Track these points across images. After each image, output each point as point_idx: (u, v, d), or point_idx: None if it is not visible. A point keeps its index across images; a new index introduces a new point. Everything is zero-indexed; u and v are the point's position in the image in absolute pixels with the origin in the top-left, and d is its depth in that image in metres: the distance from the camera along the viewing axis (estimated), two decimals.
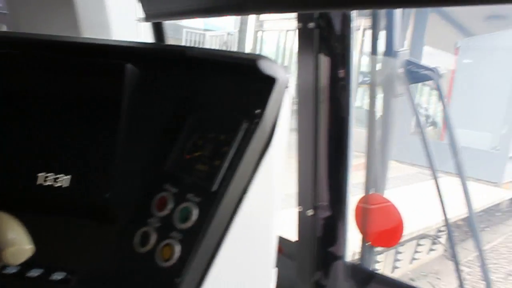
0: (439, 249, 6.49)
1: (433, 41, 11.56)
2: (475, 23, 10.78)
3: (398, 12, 1.29)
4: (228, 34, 11.99)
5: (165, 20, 1.20)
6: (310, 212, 1.13)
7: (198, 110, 0.61)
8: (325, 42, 0.99)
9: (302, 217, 1.15)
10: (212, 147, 0.57)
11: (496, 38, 9.78)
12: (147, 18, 1.10)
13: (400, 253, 6.63)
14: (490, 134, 10.34)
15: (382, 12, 1.29)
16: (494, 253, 7.89)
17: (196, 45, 12.63)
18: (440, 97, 1.35)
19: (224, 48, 11.39)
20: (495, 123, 10.07)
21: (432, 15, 10.17)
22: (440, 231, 6.05)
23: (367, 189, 1.24)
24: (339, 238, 1.15)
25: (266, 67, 0.57)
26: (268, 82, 0.57)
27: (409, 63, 1.20)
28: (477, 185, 9.51)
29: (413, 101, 1.28)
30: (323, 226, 1.14)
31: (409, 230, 6.14)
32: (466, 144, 10.23)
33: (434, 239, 6.35)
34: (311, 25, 0.98)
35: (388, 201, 1.22)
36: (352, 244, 1.19)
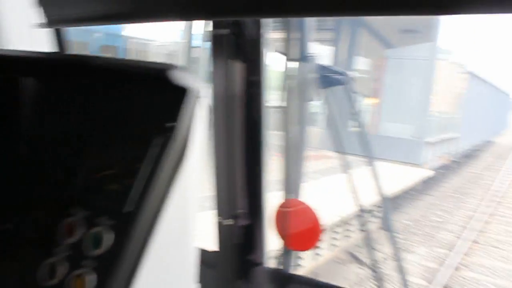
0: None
1: (363, 52, 13.32)
2: (393, 36, 12.64)
3: (309, 19, 1.34)
4: (173, 43, 11.57)
5: (69, 26, 1.13)
6: (228, 222, 1.12)
7: (106, 125, 0.57)
8: (239, 48, 0.99)
9: (221, 227, 1.14)
10: (123, 164, 0.53)
11: (413, 50, 12.57)
12: (48, 24, 1.02)
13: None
14: (409, 126, 12.24)
15: (294, 19, 1.33)
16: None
17: (138, 56, 12.24)
18: (349, 99, 1.48)
19: (168, 59, 11.13)
20: (413, 116, 12.17)
21: (360, 28, 12.62)
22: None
23: (285, 193, 1.26)
24: (258, 245, 1.15)
25: (176, 77, 0.54)
26: (179, 93, 0.53)
27: (321, 68, 1.25)
28: (404, 167, 10.91)
29: (330, 104, 1.38)
30: (242, 234, 1.14)
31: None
32: (393, 135, 12.02)
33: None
34: (225, 31, 0.97)
35: (305, 204, 1.24)
36: (273, 249, 1.21)
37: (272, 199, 1.17)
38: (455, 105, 15.40)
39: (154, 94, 0.55)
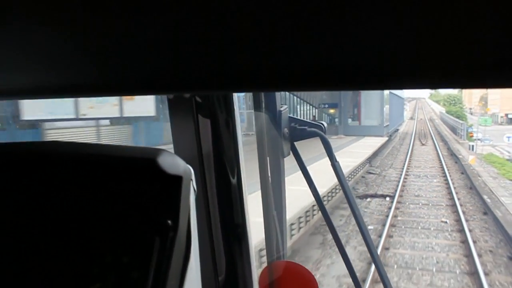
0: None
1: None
2: None
3: None
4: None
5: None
6: None
7: (90, 225, 0.48)
8: (205, 108, 0.89)
9: None
10: (115, 274, 0.45)
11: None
12: None
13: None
14: (375, 120, 29.65)
15: None
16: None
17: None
18: (327, 149, 1.28)
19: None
20: (376, 116, 29.41)
21: None
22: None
23: (269, 258, 1.12)
24: None
25: (167, 164, 0.48)
26: (174, 182, 0.48)
27: (293, 120, 1.14)
28: (376, 138, 27.29)
29: (300, 159, 1.18)
30: None
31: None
32: (369, 124, 30.51)
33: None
34: (187, 94, 0.88)
35: (297, 266, 1.10)
36: None
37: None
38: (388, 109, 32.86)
39: (145, 186, 0.49)
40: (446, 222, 10.26)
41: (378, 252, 7.02)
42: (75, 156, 0.52)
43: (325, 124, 1.18)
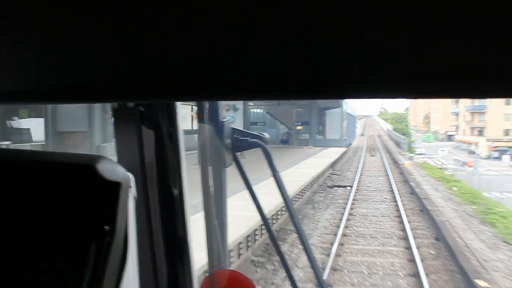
0: None
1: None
2: (327, 104, 35.91)
3: None
4: None
5: None
6: None
7: (26, 231, 0.49)
8: (148, 118, 0.90)
9: None
10: (52, 280, 0.46)
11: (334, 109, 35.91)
12: None
13: None
14: (337, 135, 36.43)
15: None
16: None
17: None
18: (268, 159, 1.17)
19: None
20: (338, 131, 36.12)
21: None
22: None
23: (210, 267, 1.11)
24: None
25: (106, 170, 0.49)
26: (112, 189, 0.48)
27: (235, 131, 1.14)
28: (337, 148, 33.64)
29: (242, 169, 1.15)
30: None
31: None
32: (333, 137, 37.39)
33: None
34: (131, 104, 0.89)
35: (239, 275, 1.09)
36: None
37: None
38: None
39: (84, 192, 0.49)
40: (386, 198, 16.13)
41: (346, 214, 12.74)
42: (15, 162, 0.52)
43: (267, 135, 1.17)
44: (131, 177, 0.53)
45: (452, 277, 8.47)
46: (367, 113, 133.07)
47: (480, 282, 7.63)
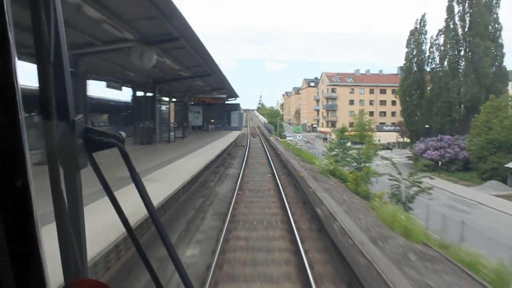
0: None
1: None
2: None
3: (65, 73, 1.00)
4: None
5: None
6: None
7: None
8: None
9: None
10: None
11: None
12: None
13: None
14: (237, 123, 58.43)
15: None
16: None
17: None
18: (125, 160, 0.95)
19: None
20: (237, 122, 58.45)
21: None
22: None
23: (66, 278, 1.01)
24: None
25: None
26: None
27: (88, 130, 1.05)
28: (238, 131, 54.12)
29: (99, 170, 1.06)
30: None
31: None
32: (235, 125, 59.40)
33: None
34: None
35: (99, 284, 1.01)
36: None
37: None
38: None
39: None
40: (261, 148, 36.51)
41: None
42: None
43: (124, 135, 1.09)
44: None
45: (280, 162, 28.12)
46: (247, 107, 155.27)
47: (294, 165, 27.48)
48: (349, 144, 35.78)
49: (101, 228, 5.99)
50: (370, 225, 10.80)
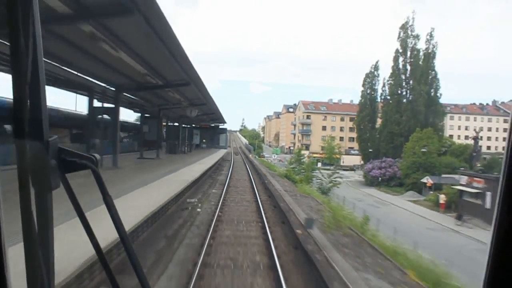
0: None
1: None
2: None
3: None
4: None
5: None
6: None
7: None
8: None
9: None
10: None
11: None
12: None
13: None
14: (224, 143, 75.53)
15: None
16: None
17: None
18: (98, 182, 1.06)
19: None
20: (224, 141, 74.88)
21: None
22: None
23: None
24: None
25: None
26: None
27: (62, 151, 1.04)
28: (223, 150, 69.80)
29: (72, 192, 1.07)
30: None
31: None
32: (222, 144, 74.79)
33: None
34: None
35: None
36: None
37: None
38: None
39: None
40: (243, 163, 50.32)
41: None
42: None
43: (98, 157, 1.09)
44: None
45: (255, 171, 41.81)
46: (230, 128, 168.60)
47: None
48: (319, 164, 52.09)
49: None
50: (290, 190, 24.83)
